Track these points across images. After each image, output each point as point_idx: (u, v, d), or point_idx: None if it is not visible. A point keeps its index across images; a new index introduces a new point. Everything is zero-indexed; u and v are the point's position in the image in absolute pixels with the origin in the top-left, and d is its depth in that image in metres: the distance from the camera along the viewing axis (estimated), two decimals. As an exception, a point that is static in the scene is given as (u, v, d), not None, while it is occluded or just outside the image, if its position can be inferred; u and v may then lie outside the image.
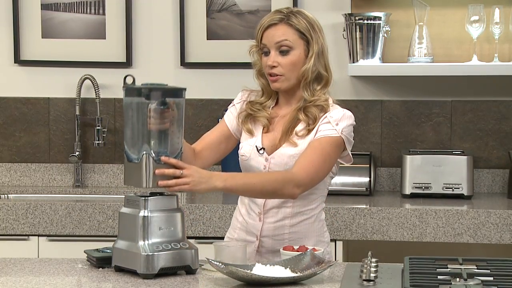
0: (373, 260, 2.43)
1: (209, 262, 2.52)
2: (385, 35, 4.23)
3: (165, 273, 2.58)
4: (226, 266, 2.49)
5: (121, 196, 2.73)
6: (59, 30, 4.54)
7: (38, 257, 3.91)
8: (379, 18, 4.21)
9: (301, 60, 2.92)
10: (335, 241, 3.85)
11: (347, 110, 2.94)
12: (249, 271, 2.47)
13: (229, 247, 2.73)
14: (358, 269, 2.52)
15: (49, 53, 4.54)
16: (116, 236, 2.67)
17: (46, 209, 3.95)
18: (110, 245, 2.71)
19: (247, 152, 2.96)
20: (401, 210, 3.84)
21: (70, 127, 4.56)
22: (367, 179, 4.23)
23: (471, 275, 2.37)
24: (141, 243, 2.57)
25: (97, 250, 2.75)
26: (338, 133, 2.87)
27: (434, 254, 3.55)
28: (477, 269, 2.48)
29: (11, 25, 4.55)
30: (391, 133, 4.42)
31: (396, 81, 4.40)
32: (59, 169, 4.57)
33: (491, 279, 2.37)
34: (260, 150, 2.94)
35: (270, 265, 2.55)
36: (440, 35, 4.32)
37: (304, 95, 2.93)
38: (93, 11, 4.51)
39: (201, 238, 3.87)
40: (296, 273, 2.52)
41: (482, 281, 2.33)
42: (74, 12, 4.52)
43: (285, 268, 2.55)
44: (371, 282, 2.42)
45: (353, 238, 3.86)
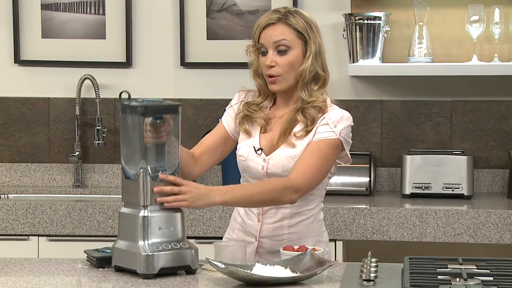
0: (373, 260, 2.43)
1: (209, 262, 2.52)
2: (385, 35, 4.23)
3: (165, 273, 2.58)
4: (226, 266, 2.49)
5: (121, 196, 2.74)
6: (59, 30, 4.54)
7: (38, 257, 3.91)
8: (379, 18, 4.21)
9: (299, 60, 2.90)
10: (335, 241, 3.85)
11: (345, 110, 2.93)
12: (249, 271, 2.47)
13: (229, 247, 2.73)
14: (358, 269, 2.52)
15: (49, 53, 4.54)
16: (116, 236, 2.67)
17: (46, 209, 3.95)
18: (110, 245, 2.71)
19: (245, 152, 2.95)
20: (401, 210, 3.84)
21: (70, 127, 4.55)
22: (367, 179, 4.22)
23: (471, 275, 2.37)
24: (141, 243, 2.57)
25: (97, 250, 2.75)
26: (336, 135, 2.87)
27: (434, 254, 3.55)
28: (477, 269, 2.48)
29: (11, 25, 4.54)
30: (391, 133, 4.42)
31: (396, 81, 4.40)
32: (59, 169, 4.57)
33: (491, 279, 2.37)
34: (257, 150, 2.93)
35: (270, 265, 2.55)
36: (440, 35, 4.32)
37: (302, 95, 2.91)
38: (93, 11, 4.51)
39: (201, 238, 3.87)
40: (296, 273, 2.52)
41: (482, 281, 2.33)
42: (74, 12, 4.52)
43: (285, 268, 2.55)
44: (371, 282, 2.42)
45: (353, 238, 3.86)
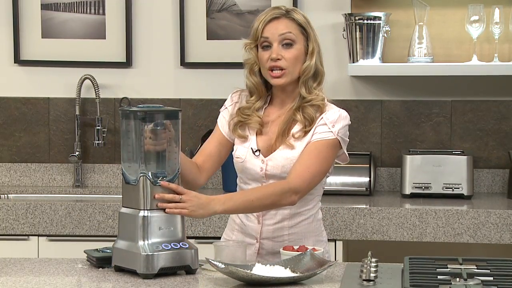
0: (373, 260, 2.43)
1: (209, 262, 2.52)
2: (385, 35, 4.23)
3: (165, 273, 2.58)
4: (226, 266, 2.49)
5: (121, 196, 2.73)
6: (59, 30, 4.54)
7: (38, 257, 3.90)
8: (379, 18, 4.21)
9: (302, 55, 2.91)
10: (335, 241, 3.85)
11: (342, 110, 2.94)
12: (249, 271, 2.47)
13: (229, 247, 2.73)
14: (358, 269, 2.52)
15: (49, 53, 4.54)
16: (116, 236, 2.67)
17: (46, 209, 3.95)
18: (110, 245, 2.71)
19: (242, 154, 2.94)
20: (401, 210, 3.84)
21: (70, 127, 4.55)
22: (367, 179, 4.22)
23: (471, 275, 2.37)
24: (141, 243, 2.57)
25: (97, 250, 2.75)
26: (334, 135, 2.87)
27: (434, 254, 3.55)
28: (477, 269, 2.48)
29: (11, 25, 4.54)
30: (391, 133, 4.42)
31: (396, 81, 4.40)
32: (59, 169, 4.57)
33: (491, 279, 2.37)
34: (255, 152, 2.93)
35: (270, 265, 2.55)
36: (440, 35, 4.32)
37: (301, 91, 2.91)
38: (93, 11, 4.51)
39: (201, 238, 3.87)
40: (296, 273, 2.52)
41: (482, 281, 2.33)
42: (74, 12, 4.52)
43: (285, 268, 2.55)
44: (371, 282, 2.42)
45: (353, 238, 3.86)
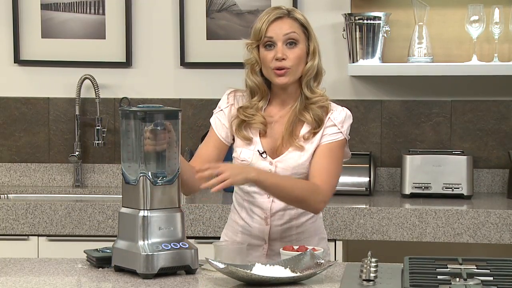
0: (373, 260, 2.43)
1: (209, 262, 2.52)
2: (385, 35, 4.23)
3: (165, 273, 2.58)
4: (226, 266, 2.49)
5: (121, 196, 2.73)
6: (59, 30, 4.54)
7: (38, 257, 3.90)
8: (379, 18, 4.21)
9: (305, 55, 2.92)
10: (334, 241, 3.85)
11: (346, 109, 2.97)
12: (249, 271, 2.47)
13: (229, 247, 2.73)
14: (358, 269, 2.52)
15: (49, 53, 4.54)
16: (116, 236, 2.67)
17: (46, 209, 3.95)
18: (110, 245, 2.71)
19: (248, 157, 2.92)
20: (401, 210, 3.84)
21: (70, 127, 4.55)
22: (367, 179, 4.22)
23: (471, 275, 2.37)
24: (140, 243, 2.57)
25: (96, 250, 2.75)
26: (343, 136, 2.93)
27: (434, 254, 3.54)
28: (477, 269, 2.48)
29: (11, 25, 4.54)
30: (391, 133, 4.42)
31: (396, 81, 4.40)
32: (59, 169, 4.57)
33: (491, 279, 2.37)
34: (262, 154, 2.92)
35: (270, 265, 2.55)
36: (440, 35, 4.32)
37: (305, 91, 2.92)
38: (93, 11, 4.51)
39: (201, 238, 3.87)
40: (296, 273, 2.52)
41: (482, 281, 2.33)
42: (74, 12, 4.52)
43: (285, 268, 2.54)
44: (371, 282, 2.42)
45: (352, 238, 3.86)
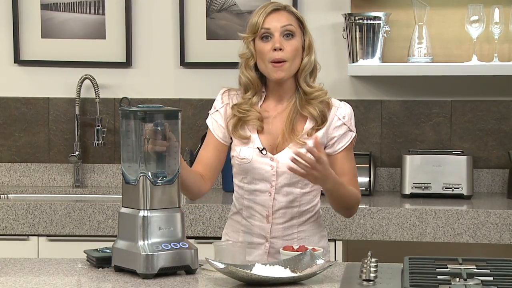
0: (373, 260, 2.43)
1: (209, 262, 2.52)
2: (385, 35, 4.23)
3: (165, 273, 2.57)
4: (225, 266, 2.49)
5: (121, 196, 2.74)
6: (59, 30, 4.54)
7: (37, 257, 3.90)
8: (379, 18, 4.21)
9: (300, 49, 2.93)
10: (334, 241, 3.85)
11: (347, 104, 3.01)
12: (248, 271, 2.47)
13: (229, 247, 2.73)
14: (358, 269, 2.52)
15: (49, 53, 4.54)
16: (116, 236, 2.67)
17: (46, 209, 3.95)
18: (110, 245, 2.71)
19: (248, 155, 2.92)
20: (401, 210, 3.84)
21: (69, 127, 4.55)
22: (367, 179, 4.22)
23: (471, 275, 2.37)
24: (140, 243, 2.57)
25: (96, 250, 2.75)
26: (354, 132, 2.99)
27: (434, 254, 3.55)
28: (477, 269, 2.48)
29: (11, 25, 4.54)
30: (391, 133, 4.42)
31: (396, 81, 4.40)
32: (59, 169, 4.57)
33: (491, 279, 2.37)
34: (262, 150, 2.92)
35: (269, 265, 2.55)
36: (439, 35, 4.32)
37: (303, 87, 2.92)
38: (93, 11, 4.51)
39: (200, 238, 3.87)
40: (296, 273, 2.52)
41: (481, 281, 2.33)
42: (73, 12, 4.52)
43: (285, 268, 2.54)
44: (371, 282, 2.42)
45: (352, 238, 3.86)
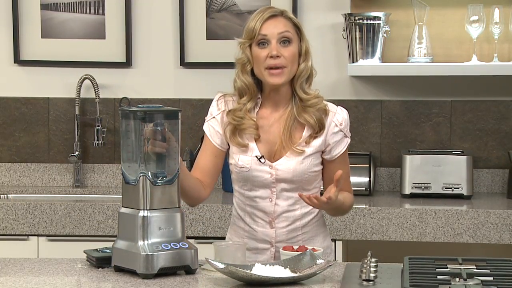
0: (373, 260, 2.44)
1: (209, 262, 2.52)
2: (385, 35, 4.23)
3: (165, 273, 2.58)
4: (225, 266, 2.49)
5: (120, 196, 2.74)
6: (59, 30, 4.54)
7: (37, 257, 3.91)
8: (379, 18, 4.21)
9: (297, 55, 2.92)
10: (334, 241, 3.85)
11: (343, 109, 2.99)
12: (248, 271, 2.47)
13: (229, 247, 2.73)
14: (358, 269, 2.52)
15: (49, 53, 4.54)
16: (115, 236, 2.67)
17: (45, 209, 3.95)
18: (109, 245, 2.71)
19: (247, 163, 2.91)
20: (401, 210, 3.84)
21: (69, 127, 4.55)
22: (367, 179, 4.22)
23: (471, 275, 2.37)
24: (140, 243, 2.57)
25: (96, 250, 2.75)
26: (349, 138, 2.98)
27: (433, 254, 3.55)
28: (477, 269, 2.48)
29: (11, 25, 4.54)
30: (390, 133, 4.42)
31: (395, 81, 4.40)
32: (59, 169, 4.57)
33: (491, 279, 2.37)
34: (260, 158, 2.91)
35: (269, 265, 2.55)
36: (439, 35, 4.32)
37: (299, 93, 2.91)
38: (92, 11, 4.51)
39: (200, 238, 3.87)
40: (296, 273, 2.52)
41: (481, 281, 2.33)
42: (73, 12, 4.52)
43: (285, 268, 2.54)
44: (371, 282, 2.42)
45: (352, 238, 3.86)
